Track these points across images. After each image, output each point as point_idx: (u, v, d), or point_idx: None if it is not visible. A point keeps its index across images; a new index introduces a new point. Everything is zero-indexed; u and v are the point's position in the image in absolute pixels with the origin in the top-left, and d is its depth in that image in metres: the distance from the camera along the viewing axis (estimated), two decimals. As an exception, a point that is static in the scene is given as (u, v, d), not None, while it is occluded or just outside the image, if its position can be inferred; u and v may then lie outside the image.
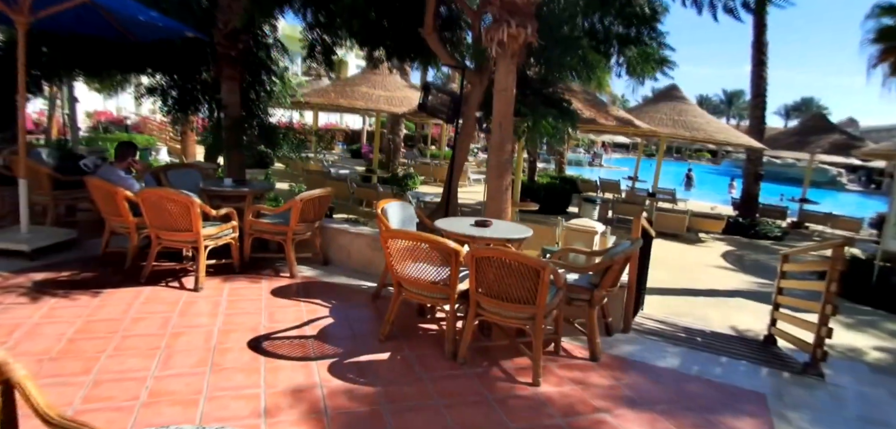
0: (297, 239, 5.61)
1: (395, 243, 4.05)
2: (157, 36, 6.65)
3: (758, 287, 9.11)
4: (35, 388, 1.91)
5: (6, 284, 4.69)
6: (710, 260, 11.22)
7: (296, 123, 23.97)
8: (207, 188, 5.98)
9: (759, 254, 12.41)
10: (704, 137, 13.48)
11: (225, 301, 4.71)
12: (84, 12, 5.89)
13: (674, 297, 7.85)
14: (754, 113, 15.98)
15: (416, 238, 3.95)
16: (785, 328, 5.32)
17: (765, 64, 15.34)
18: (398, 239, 4.04)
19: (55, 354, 3.54)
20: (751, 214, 15.34)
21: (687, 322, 6.18)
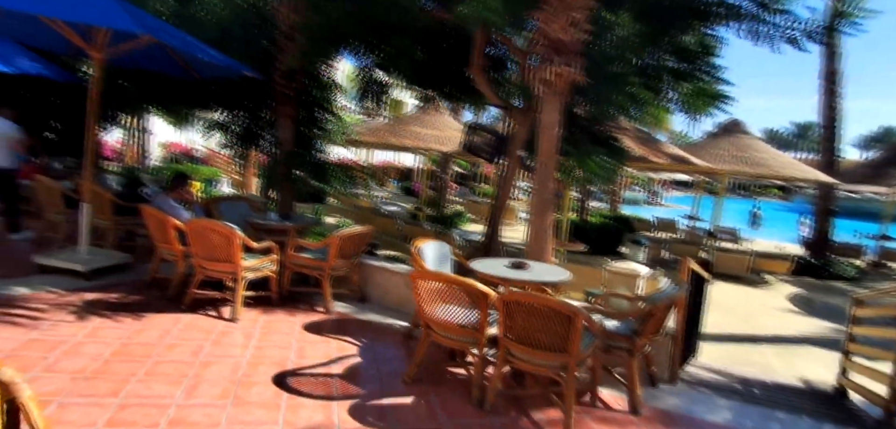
0: (335, 275, 5.62)
1: (423, 284, 3.95)
2: (218, 74, 6.99)
3: (829, 333, 8.30)
4: (38, 410, 1.92)
5: (59, 301, 4.93)
6: (776, 303, 10.38)
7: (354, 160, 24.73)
8: (253, 221, 6.13)
9: (832, 296, 11.37)
10: (769, 173, 12.68)
11: (258, 333, 4.74)
12: (153, 50, 6.29)
13: (733, 344, 7.26)
14: (825, 145, 15.06)
15: (443, 279, 3.84)
16: (857, 379, 4.77)
17: (836, 93, 14.40)
18: (426, 280, 3.94)
19: (90, 373, 3.64)
20: (822, 253, 14.19)
21: (745, 372, 5.66)
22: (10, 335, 4.08)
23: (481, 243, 7.60)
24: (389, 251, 9.54)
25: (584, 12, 5.46)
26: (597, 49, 6.35)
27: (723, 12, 6.24)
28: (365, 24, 7.09)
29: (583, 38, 5.70)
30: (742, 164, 12.34)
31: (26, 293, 5.03)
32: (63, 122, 11.18)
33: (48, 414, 3.09)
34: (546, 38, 5.70)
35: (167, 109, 10.10)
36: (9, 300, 4.80)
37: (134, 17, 4.97)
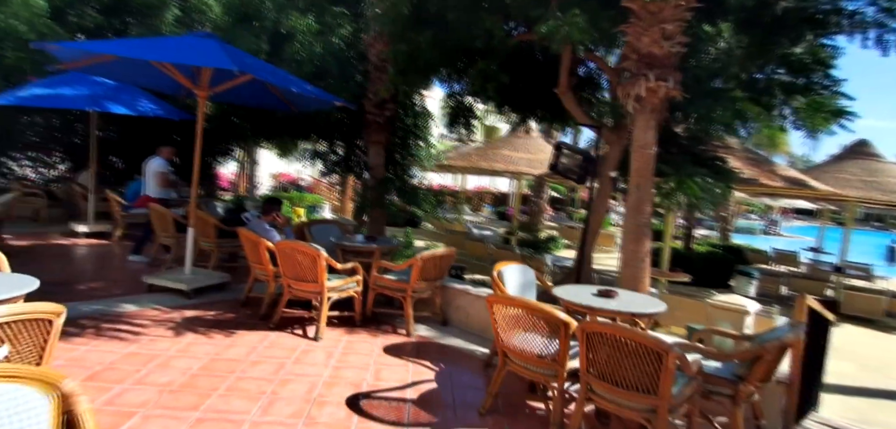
0: (417, 297, 5.55)
1: (500, 309, 3.73)
2: (313, 106, 7.34)
3: None
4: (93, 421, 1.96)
5: (161, 318, 5.30)
6: (921, 355, 8.78)
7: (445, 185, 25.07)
8: (341, 243, 6.27)
9: None
10: (909, 202, 10.92)
11: (339, 353, 4.76)
12: (254, 87, 6.74)
13: (863, 398, 6.18)
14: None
15: (521, 305, 3.59)
16: None
17: None
18: (503, 305, 3.71)
19: (176, 387, 3.81)
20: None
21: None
22: (112, 349, 4.42)
23: (572, 270, 7.20)
24: (477, 275, 9.39)
25: (678, 25, 5.03)
26: (695, 62, 5.84)
27: (843, 21, 5.49)
28: (450, 51, 7.11)
29: (678, 52, 5.26)
30: (874, 190, 10.75)
31: (134, 310, 5.47)
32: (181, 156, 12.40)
33: (131, 425, 3.25)
34: (636, 52, 5.33)
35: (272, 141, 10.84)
36: (118, 316, 5.24)
37: (233, 58, 5.34)
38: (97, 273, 7.23)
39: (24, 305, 2.58)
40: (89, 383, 3.77)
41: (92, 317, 5.15)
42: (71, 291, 6.07)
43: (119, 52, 5.40)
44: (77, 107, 8.27)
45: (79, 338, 4.59)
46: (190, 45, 5.47)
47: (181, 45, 5.44)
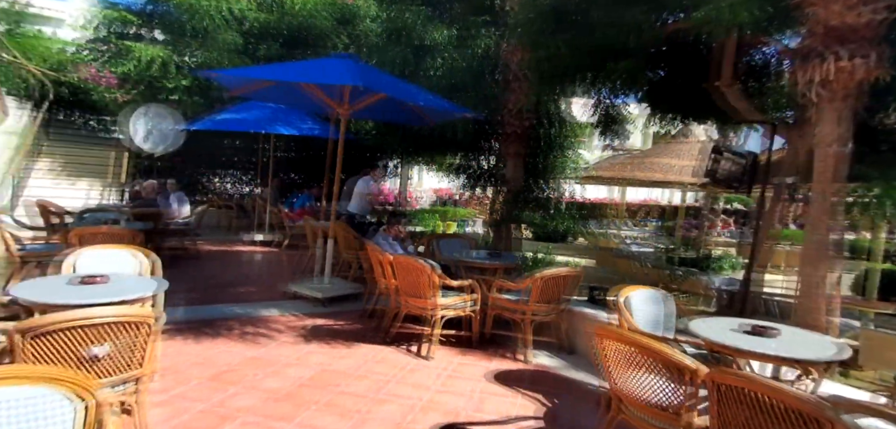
0: (537, 320, 5.05)
1: (610, 344, 3.10)
2: (446, 118, 7.27)
3: None
4: None
5: (293, 324, 5.60)
6: None
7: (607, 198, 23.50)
8: (461, 258, 6.03)
9: None
10: None
11: (445, 376, 4.49)
12: (391, 102, 6.89)
13: None
14: None
15: (629, 341, 2.94)
16: None
17: None
18: (612, 339, 3.08)
19: (281, 395, 3.89)
20: None
21: None
22: (240, 351, 4.73)
23: (736, 294, 5.99)
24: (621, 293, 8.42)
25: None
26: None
27: None
28: (592, 53, 6.49)
29: (883, 19, 4.02)
30: None
31: (273, 315, 5.87)
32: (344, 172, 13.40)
33: (231, 427, 3.35)
34: (823, 25, 4.24)
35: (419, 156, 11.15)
36: (258, 320, 5.66)
37: (366, 76, 5.48)
38: (255, 278, 8.02)
39: (125, 308, 2.76)
40: (211, 382, 4.03)
41: (237, 319, 5.64)
42: (229, 293, 6.79)
43: (269, 77, 5.90)
44: (253, 129, 9.39)
45: (219, 338, 5.03)
46: (331, 67, 5.76)
47: (323, 67, 5.77)
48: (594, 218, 18.67)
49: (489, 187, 10.23)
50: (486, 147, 9.38)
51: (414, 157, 11.32)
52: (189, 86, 10.09)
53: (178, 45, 10.28)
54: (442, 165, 13.41)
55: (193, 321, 5.44)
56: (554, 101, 8.25)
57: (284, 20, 10.77)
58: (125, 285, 3.57)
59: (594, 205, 21.88)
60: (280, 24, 10.81)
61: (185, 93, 10.09)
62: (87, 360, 2.66)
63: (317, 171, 12.00)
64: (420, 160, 13.20)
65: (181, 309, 5.89)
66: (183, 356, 4.50)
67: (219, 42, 9.85)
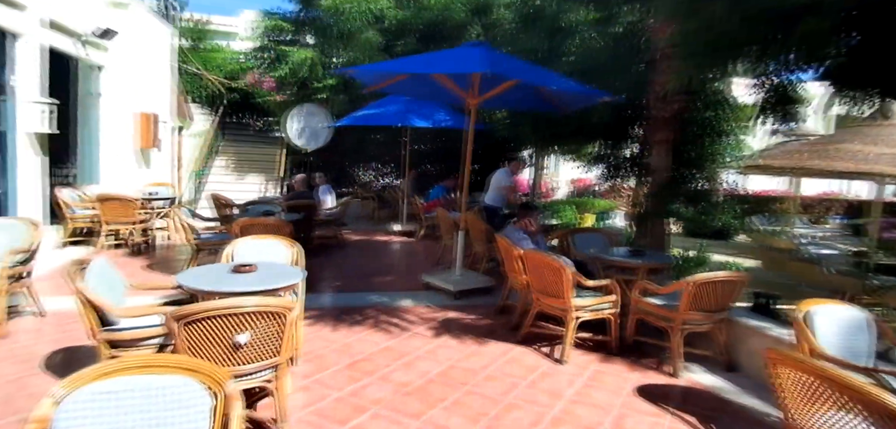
0: (689, 330, 4.47)
1: (787, 373, 2.56)
2: (579, 104, 6.81)
3: None
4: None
5: (426, 316, 5.62)
6: None
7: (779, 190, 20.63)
8: (599, 256, 5.58)
9: None
10: None
11: (580, 384, 4.15)
12: (522, 90, 6.63)
13: None
14: None
15: (816, 372, 2.37)
16: None
17: None
18: (793, 368, 2.53)
19: (411, 389, 3.88)
20: None
21: None
22: (375, 340, 4.84)
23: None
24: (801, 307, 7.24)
25: None
26: None
27: None
28: (757, 19, 5.59)
29: None
30: None
31: (408, 306, 5.97)
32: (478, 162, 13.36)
33: (360, 421, 3.39)
34: None
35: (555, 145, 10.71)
36: (394, 310, 5.78)
37: (497, 63, 5.29)
38: (393, 267, 8.25)
39: (266, 298, 2.89)
40: (347, 370, 4.16)
41: (374, 307, 5.83)
42: (368, 281, 7.07)
43: (400, 70, 5.99)
44: (390, 123, 9.72)
45: (358, 326, 5.22)
46: (459, 55, 5.67)
47: (452, 57, 5.70)
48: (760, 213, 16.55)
49: (631, 178, 9.49)
50: (627, 134, 8.68)
51: (549, 146, 10.91)
52: (334, 85, 10.79)
53: (325, 48, 11.03)
54: (579, 155, 12.82)
55: (336, 308, 5.72)
56: (708, 80, 7.32)
57: (420, 15, 11.01)
58: (270, 274, 3.80)
59: (759, 198, 19.42)
60: (416, 19, 11.08)
61: (331, 91, 10.80)
62: (232, 346, 2.83)
63: (453, 162, 12.15)
64: (555, 149, 12.73)
65: (326, 296, 6.26)
66: (325, 342, 4.72)
67: (361, 42, 10.36)
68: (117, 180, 9.43)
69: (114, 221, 7.86)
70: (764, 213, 15.42)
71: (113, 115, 9.40)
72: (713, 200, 7.90)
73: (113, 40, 8.99)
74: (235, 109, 14.28)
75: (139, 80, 10.04)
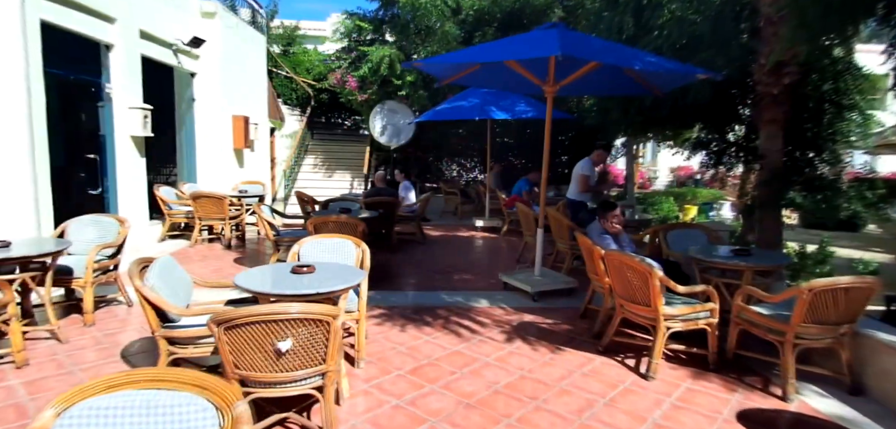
0: (804, 345, 3.77)
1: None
2: (677, 84, 6.12)
3: None
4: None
5: (501, 318, 5.32)
6: None
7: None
8: (696, 256, 4.92)
9: None
10: None
11: (668, 405, 3.64)
12: (606, 72, 6.08)
13: None
14: None
15: None
16: None
17: None
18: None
19: (475, 401, 3.60)
20: None
21: None
22: (445, 343, 4.61)
23: None
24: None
25: None
26: None
27: None
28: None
29: None
30: None
31: (483, 307, 5.68)
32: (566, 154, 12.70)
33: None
34: None
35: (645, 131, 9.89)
36: (468, 311, 5.52)
37: (572, 44, 4.83)
38: (472, 265, 7.99)
39: (309, 305, 2.75)
40: (411, 375, 3.97)
41: (448, 308, 5.61)
42: (445, 280, 6.88)
43: (471, 60, 5.69)
44: (469, 116, 9.46)
45: (427, 327, 5.02)
46: (531, 40, 5.27)
47: (524, 42, 5.31)
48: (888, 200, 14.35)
49: (738, 164, 8.52)
50: (732, 115, 7.75)
51: (642, 133, 10.10)
52: (414, 81, 10.72)
53: (404, 45, 11.00)
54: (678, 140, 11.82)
55: (407, 308, 5.58)
56: (824, 48, 6.29)
57: (498, 3, 10.63)
58: (328, 276, 3.68)
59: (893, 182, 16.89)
60: (494, 7, 10.71)
61: (411, 88, 10.74)
62: (275, 353, 2.71)
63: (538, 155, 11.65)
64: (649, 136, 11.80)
65: (399, 294, 6.14)
66: (391, 344, 4.58)
67: (439, 36, 10.20)
68: (213, 179, 10.04)
69: (206, 216, 8.33)
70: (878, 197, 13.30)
71: (207, 118, 10.01)
72: (837, 187, 6.82)
73: (205, 49, 9.54)
74: (325, 110, 14.76)
75: (232, 84, 10.61)
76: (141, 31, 7.94)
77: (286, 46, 14.82)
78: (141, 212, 8.14)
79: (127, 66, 7.59)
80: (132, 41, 7.74)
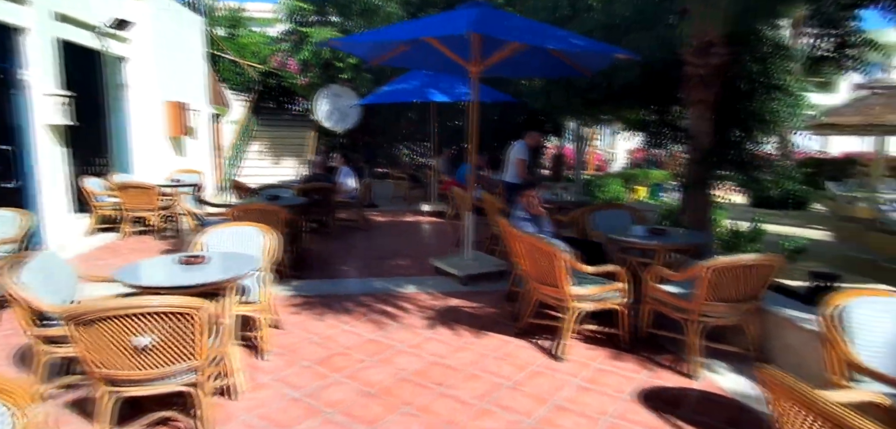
0: (710, 323, 3.79)
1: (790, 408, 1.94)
2: (601, 63, 6.09)
3: None
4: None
5: (427, 303, 5.24)
6: None
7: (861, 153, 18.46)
8: (613, 236, 4.91)
9: None
10: None
11: (574, 386, 3.61)
12: (535, 54, 6.00)
13: None
14: None
15: (815, 410, 1.75)
16: None
17: None
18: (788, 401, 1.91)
19: (377, 390, 3.50)
20: None
21: None
22: (363, 331, 4.49)
23: None
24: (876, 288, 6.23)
25: None
26: None
27: None
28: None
29: None
30: None
31: (411, 293, 5.57)
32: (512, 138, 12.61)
33: (309, 426, 3.04)
34: None
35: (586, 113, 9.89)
36: (394, 297, 5.41)
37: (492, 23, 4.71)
38: (411, 250, 7.81)
39: (169, 298, 2.58)
40: (318, 365, 3.84)
41: (375, 295, 5.48)
42: (379, 266, 6.73)
43: (387, 38, 5.53)
44: (410, 99, 9.29)
45: (348, 315, 4.89)
46: (450, 17, 5.13)
47: (443, 19, 5.16)
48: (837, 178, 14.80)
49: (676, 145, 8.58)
50: (668, 96, 7.77)
51: (583, 115, 10.09)
52: (357, 64, 10.45)
53: (347, 26, 10.71)
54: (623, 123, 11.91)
55: (330, 296, 5.42)
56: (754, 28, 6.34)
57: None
58: (220, 266, 3.51)
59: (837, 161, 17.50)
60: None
61: (353, 71, 10.47)
62: (137, 350, 2.54)
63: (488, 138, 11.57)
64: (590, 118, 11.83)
65: (325, 282, 5.97)
66: (306, 333, 4.43)
67: (382, 16, 9.95)
68: (150, 169, 9.61)
69: (135, 207, 7.97)
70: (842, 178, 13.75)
71: (141, 105, 9.56)
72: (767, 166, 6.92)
73: (136, 32, 9.08)
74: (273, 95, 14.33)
75: (167, 69, 10.15)
76: (58, 13, 7.46)
77: (231, 29, 14.31)
78: (63, 205, 7.72)
79: (43, 51, 7.13)
80: (48, 24, 7.27)
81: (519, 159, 7.35)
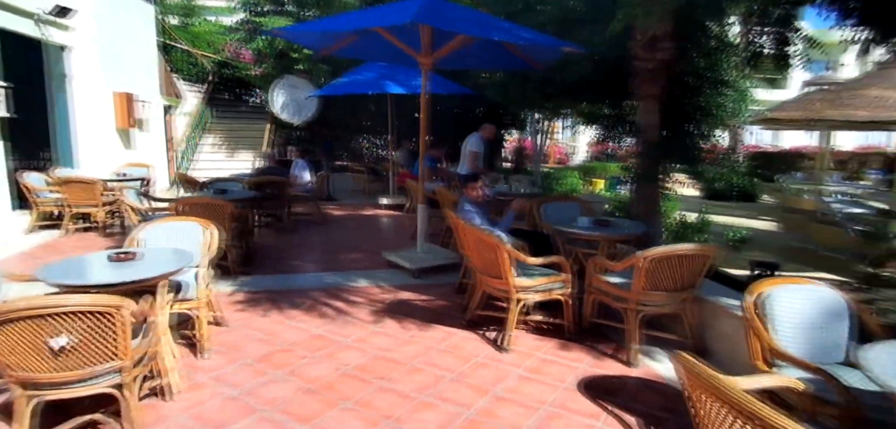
0: (648, 312, 3.88)
1: (707, 400, 2.01)
2: (548, 57, 6.14)
3: None
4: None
5: (376, 296, 5.21)
6: None
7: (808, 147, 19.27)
8: (559, 227, 4.98)
9: None
10: None
11: (516, 376, 3.65)
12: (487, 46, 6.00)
13: None
14: None
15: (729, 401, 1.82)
16: None
17: None
18: (704, 394, 1.98)
19: (317, 387, 3.45)
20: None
21: None
22: (308, 327, 4.42)
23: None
24: (821, 277, 6.50)
25: None
26: None
27: None
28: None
29: None
30: None
31: (362, 286, 5.53)
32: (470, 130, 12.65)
33: (239, 426, 2.98)
34: None
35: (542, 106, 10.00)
36: (344, 291, 5.35)
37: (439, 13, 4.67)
38: (366, 244, 7.74)
39: (85, 297, 2.47)
40: (259, 362, 3.77)
41: (324, 289, 5.41)
42: (331, 260, 6.66)
43: (334, 27, 5.44)
44: (365, 90, 9.18)
45: (295, 310, 4.81)
46: (397, 7, 5.07)
47: (389, 9, 5.08)
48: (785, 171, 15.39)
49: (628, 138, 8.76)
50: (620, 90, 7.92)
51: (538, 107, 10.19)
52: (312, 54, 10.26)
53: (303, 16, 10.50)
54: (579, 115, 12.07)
55: (276, 291, 5.32)
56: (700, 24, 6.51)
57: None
58: (150, 263, 3.39)
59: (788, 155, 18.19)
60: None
61: (310, 62, 10.29)
62: (55, 351, 2.43)
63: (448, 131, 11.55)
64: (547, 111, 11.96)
65: (272, 277, 5.86)
66: (250, 330, 4.34)
67: (337, 6, 9.80)
68: (96, 162, 9.25)
69: (78, 203, 7.65)
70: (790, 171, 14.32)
71: (86, 96, 9.17)
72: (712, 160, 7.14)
73: (78, 20, 8.69)
74: (229, 86, 13.95)
75: (113, 59, 9.76)
76: (-12, -3, 7.09)
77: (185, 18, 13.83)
78: (2, 202, 7.36)
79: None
80: (-22, 9, 6.91)
81: (472, 151, 7.37)
